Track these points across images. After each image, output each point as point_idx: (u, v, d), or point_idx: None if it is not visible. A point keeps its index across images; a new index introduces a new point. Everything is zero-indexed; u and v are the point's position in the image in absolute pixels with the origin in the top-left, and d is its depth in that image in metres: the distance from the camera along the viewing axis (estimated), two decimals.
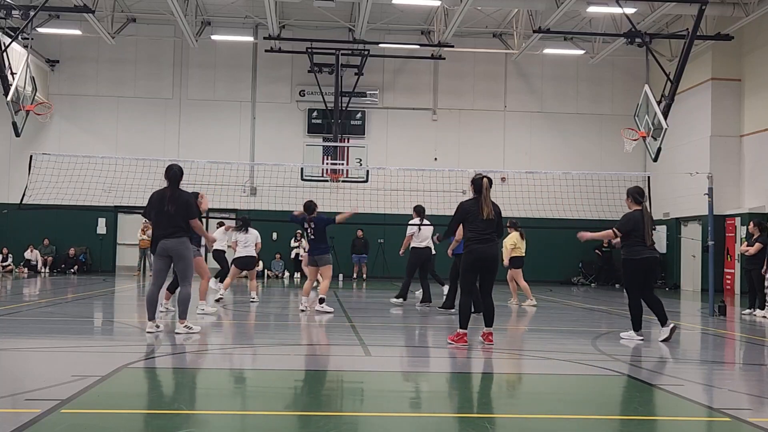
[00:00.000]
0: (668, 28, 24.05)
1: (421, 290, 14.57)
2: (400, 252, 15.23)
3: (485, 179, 8.86)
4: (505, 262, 15.44)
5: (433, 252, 14.48)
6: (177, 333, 9.10)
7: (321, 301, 12.44)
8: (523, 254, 15.77)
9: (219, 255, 17.19)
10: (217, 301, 13.97)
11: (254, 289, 14.68)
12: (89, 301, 14.77)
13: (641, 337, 9.54)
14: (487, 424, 5.15)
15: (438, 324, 11.29)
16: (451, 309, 12.68)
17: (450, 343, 8.68)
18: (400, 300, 14.30)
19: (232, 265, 14.53)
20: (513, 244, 15.55)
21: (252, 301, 14.33)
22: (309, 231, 12.46)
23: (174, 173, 9.12)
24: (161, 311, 11.23)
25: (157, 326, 9.13)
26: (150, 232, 23.37)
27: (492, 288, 8.79)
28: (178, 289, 9.33)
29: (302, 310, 12.46)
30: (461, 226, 9.03)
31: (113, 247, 25.92)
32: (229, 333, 10.36)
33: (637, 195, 9.71)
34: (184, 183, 9.51)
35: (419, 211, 14.41)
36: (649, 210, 10.15)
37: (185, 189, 9.55)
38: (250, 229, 14.43)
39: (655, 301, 9.62)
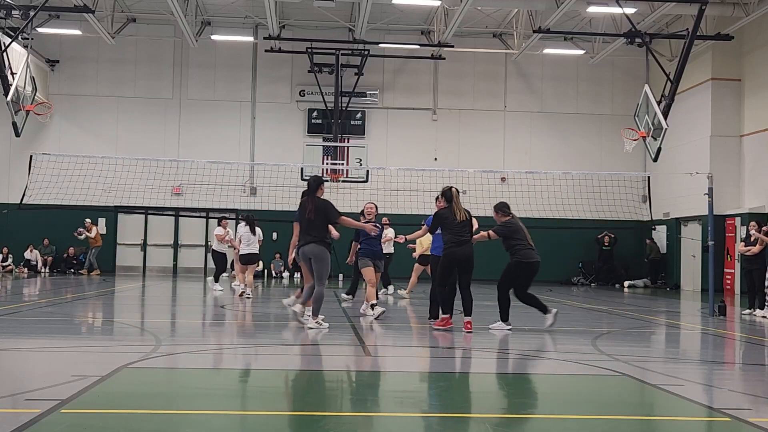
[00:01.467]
0: (668, 28, 24.05)
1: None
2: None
3: (453, 189, 10.14)
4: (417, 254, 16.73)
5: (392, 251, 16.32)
6: (310, 328, 9.73)
7: (373, 306, 11.68)
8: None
9: (219, 256, 17.34)
10: (240, 296, 15.25)
11: (250, 285, 15.50)
12: (89, 301, 14.78)
13: (510, 327, 10.35)
14: (487, 424, 5.15)
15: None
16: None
17: (436, 329, 10.00)
18: (350, 296, 15.31)
19: (237, 262, 15.77)
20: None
21: (247, 297, 15.10)
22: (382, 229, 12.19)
23: (310, 184, 10.01)
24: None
25: (320, 323, 9.89)
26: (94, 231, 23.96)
27: (470, 282, 10.14)
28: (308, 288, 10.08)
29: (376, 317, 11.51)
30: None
31: (113, 247, 25.92)
32: (229, 332, 10.36)
33: (504, 209, 10.64)
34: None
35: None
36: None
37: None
38: (255, 228, 15.78)
39: (531, 296, 10.61)
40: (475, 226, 10.59)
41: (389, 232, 16.53)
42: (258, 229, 16.08)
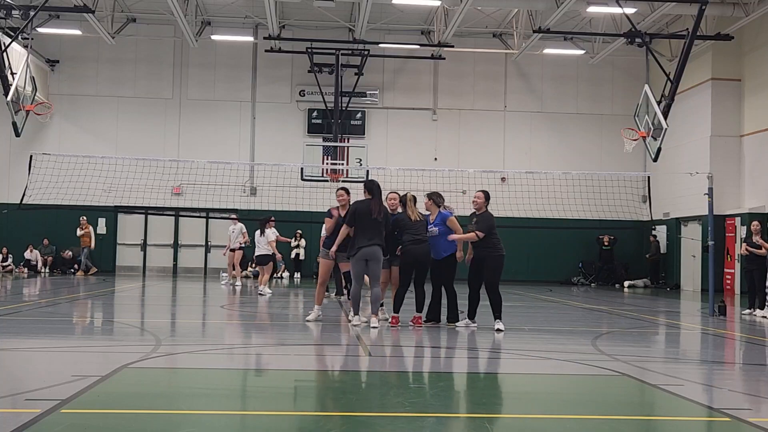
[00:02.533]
0: (668, 28, 24.05)
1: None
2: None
3: (408, 194, 10.61)
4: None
5: None
6: (373, 327, 9.94)
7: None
8: None
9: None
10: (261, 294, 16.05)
11: (265, 283, 16.38)
12: (89, 301, 14.78)
13: (476, 325, 10.57)
14: (487, 424, 5.15)
15: (437, 324, 11.29)
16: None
17: (393, 326, 10.24)
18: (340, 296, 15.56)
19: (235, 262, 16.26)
20: None
21: (260, 294, 15.86)
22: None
23: (374, 188, 10.24)
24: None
25: (364, 321, 10.24)
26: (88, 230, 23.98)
27: (424, 280, 10.58)
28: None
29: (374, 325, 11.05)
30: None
31: (113, 247, 25.93)
32: (229, 332, 10.36)
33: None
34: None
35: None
36: None
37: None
38: (266, 230, 16.64)
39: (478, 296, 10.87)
40: (459, 231, 10.60)
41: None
42: (268, 231, 16.80)
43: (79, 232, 24.30)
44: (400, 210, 10.63)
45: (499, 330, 10.10)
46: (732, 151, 22.87)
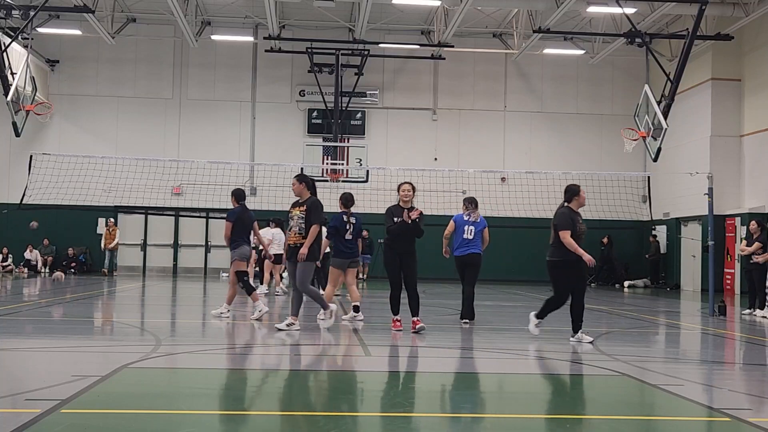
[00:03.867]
0: (668, 28, 24.06)
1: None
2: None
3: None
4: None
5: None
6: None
7: (356, 309, 11.19)
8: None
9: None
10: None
11: (279, 283, 17.09)
12: (89, 301, 14.78)
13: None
14: (487, 424, 5.15)
15: (438, 325, 11.29)
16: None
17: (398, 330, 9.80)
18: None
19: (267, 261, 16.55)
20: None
21: (277, 294, 16.39)
22: (348, 229, 11.07)
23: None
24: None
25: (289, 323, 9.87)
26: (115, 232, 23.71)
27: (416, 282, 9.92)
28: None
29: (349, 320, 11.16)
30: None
31: None
32: (229, 333, 10.35)
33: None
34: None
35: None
36: None
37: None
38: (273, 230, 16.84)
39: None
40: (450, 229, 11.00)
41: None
42: (275, 230, 17.03)
43: (108, 237, 24.01)
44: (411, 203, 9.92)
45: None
46: (732, 151, 22.87)
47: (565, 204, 9.43)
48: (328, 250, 12.26)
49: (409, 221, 9.65)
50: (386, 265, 9.88)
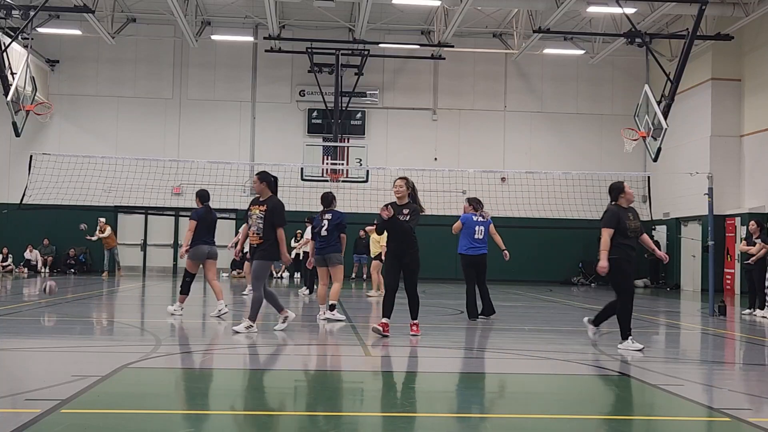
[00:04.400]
0: (668, 28, 24.06)
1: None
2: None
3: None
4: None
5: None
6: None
7: (332, 307, 11.14)
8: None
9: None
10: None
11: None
12: (89, 301, 14.78)
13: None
14: (487, 424, 5.15)
15: (438, 325, 11.30)
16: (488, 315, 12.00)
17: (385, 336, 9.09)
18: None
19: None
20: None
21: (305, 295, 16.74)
22: (323, 226, 11.09)
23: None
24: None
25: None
26: (108, 231, 23.43)
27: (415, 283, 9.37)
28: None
29: (325, 320, 11.05)
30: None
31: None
32: (229, 332, 10.35)
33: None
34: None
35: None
36: None
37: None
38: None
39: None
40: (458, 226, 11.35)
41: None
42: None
43: (99, 236, 23.19)
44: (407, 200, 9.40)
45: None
46: (732, 151, 22.87)
47: (613, 203, 9.10)
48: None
49: (386, 219, 8.93)
50: (384, 267, 9.66)
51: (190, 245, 11.25)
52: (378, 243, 16.15)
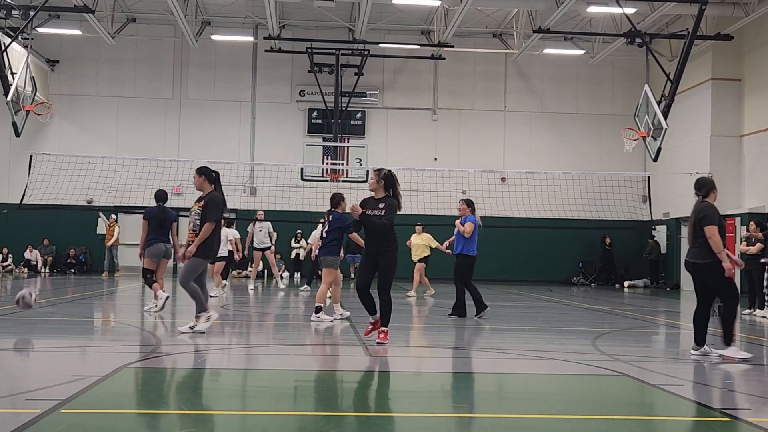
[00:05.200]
0: (668, 28, 24.06)
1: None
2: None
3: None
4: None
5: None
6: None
7: (317, 310, 10.87)
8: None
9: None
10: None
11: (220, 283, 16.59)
12: (89, 301, 14.78)
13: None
14: (486, 424, 5.15)
15: (438, 325, 11.29)
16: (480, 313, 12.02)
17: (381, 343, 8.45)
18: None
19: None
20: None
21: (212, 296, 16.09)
22: (325, 227, 11.05)
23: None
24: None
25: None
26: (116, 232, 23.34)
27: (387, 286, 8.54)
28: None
29: (343, 318, 11.12)
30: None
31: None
32: (229, 333, 10.36)
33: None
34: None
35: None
36: None
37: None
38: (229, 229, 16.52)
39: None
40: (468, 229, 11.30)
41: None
42: (230, 230, 16.55)
43: (107, 231, 23.42)
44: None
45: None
46: (732, 151, 22.87)
47: (704, 199, 8.17)
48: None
49: (359, 216, 8.31)
50: (359, 265, 9.03)
51: (147, 244, 11.55)
52: (422, 247, 16.62)
